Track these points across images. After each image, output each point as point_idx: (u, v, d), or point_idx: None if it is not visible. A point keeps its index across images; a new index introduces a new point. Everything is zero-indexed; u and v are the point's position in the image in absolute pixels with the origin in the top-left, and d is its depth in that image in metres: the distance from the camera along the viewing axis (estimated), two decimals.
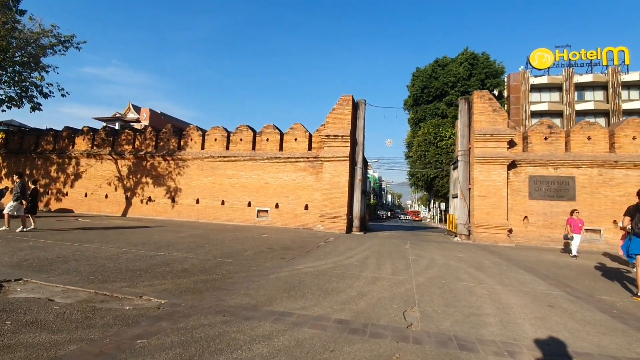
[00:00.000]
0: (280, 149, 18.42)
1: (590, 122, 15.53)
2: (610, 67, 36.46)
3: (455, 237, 16.24)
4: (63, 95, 19.17)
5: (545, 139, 15.36)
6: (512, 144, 15.47)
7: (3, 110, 18.16)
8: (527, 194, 15.04)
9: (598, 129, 15.06)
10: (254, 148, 18.79)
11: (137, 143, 20.47)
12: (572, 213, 11.85)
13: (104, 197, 20.44)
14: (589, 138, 14.96)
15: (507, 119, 15.43)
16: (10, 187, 18.07)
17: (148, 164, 19.97)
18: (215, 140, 19.21)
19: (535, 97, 38.92)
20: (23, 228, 10.23)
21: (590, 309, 4.99)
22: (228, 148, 19.09)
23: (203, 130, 19.98)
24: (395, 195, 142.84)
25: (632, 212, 6.10)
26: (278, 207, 17.90)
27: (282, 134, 18.62)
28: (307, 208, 17.49)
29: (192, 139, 19.62)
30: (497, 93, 34.36)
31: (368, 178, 30.86)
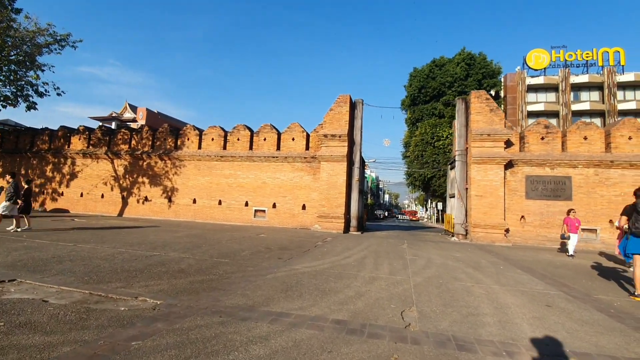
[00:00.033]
0: (278, 149, 18.37)
1: (587, 122, 15.60)
2: (606, 67, 36.72)
3: (453, 236, 16.27)
4: (59, 95, 19.08)
5: (542, 139, 15.41)
6: (509, 144, 15.51)
7: None
8: (524, 194, 15.10)
9: (594, 129, 15.13)
10: (252, 148, 18.73)
11: (133, 143, 20.34)
12: (568, 213, 11.90)
13: (100, 196, 20.32)
14: (585, 138, 15.03)
15: (504, 119, 15.48)
16: (5, 187, 17.90)
17: (144, 164, 19.87)
18: (213, 140, 19.13)
19: (532, 97, 39.14)
20: (17, 228, 10.16)
21: (588, 309, 5.00)
22: (225, 148, 19.02)
23: (200, 130, 19.91)
24: (393, 195, 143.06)
25: (629, 211, 6.12)
26: (275, 207, 17.86)
27: (279, 134, 18.58)
28: (304, 208, 17.45)
29: (189, 139, 19.54)
30: (494, 93, 34.52)
31: (365, 178, 30.87)
